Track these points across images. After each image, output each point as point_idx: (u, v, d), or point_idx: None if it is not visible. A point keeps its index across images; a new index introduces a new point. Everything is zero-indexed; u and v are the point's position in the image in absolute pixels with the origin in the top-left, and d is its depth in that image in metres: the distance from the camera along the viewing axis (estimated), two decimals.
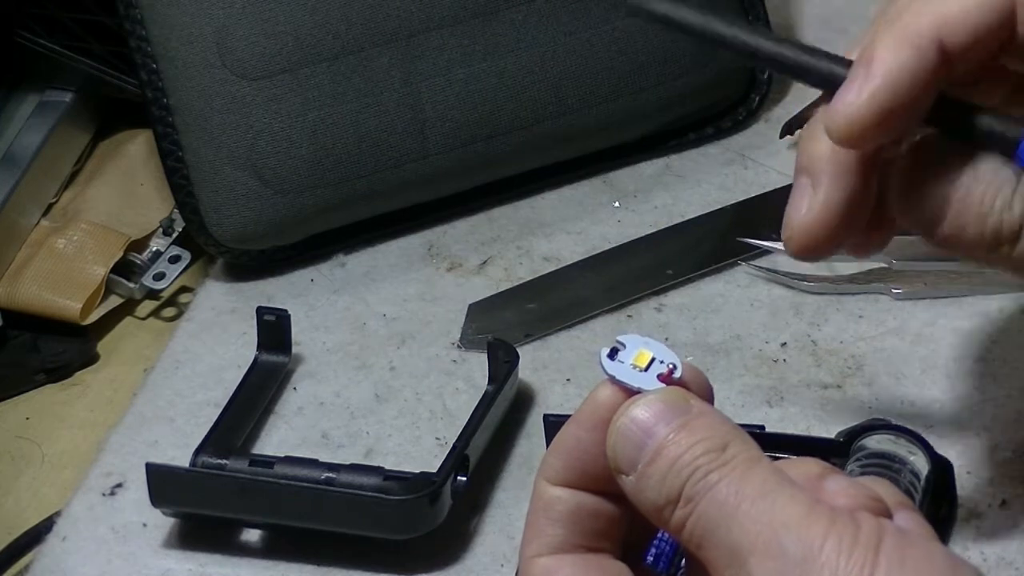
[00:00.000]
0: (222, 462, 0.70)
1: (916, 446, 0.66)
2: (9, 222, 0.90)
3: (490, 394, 0.72)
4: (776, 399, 0.74)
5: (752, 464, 0.47)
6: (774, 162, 0.87)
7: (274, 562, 0.69)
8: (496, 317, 0.80)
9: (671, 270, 0.81)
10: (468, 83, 0.83)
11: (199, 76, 0.81)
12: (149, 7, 0.82)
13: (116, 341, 0.88)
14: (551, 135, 0.85)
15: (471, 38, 0.83)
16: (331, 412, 0.76)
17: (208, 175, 0.82)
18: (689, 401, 0.49)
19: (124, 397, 0.81)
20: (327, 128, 0.82)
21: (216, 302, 0.83)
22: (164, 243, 0.90)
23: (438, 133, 0.83)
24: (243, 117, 0.81)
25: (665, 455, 0.47)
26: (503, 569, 0.68)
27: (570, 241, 0.84)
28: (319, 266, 0.85)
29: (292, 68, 0.81)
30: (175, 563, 0.70)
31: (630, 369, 0.50)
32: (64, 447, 0.82)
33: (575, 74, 0.85)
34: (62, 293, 0.86)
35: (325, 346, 0.80)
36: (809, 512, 0.46)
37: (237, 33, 0.81)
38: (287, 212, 0.83)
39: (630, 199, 0.87)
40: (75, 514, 0.72)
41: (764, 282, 0.80)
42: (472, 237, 0.86)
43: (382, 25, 0.82)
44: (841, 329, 0.77)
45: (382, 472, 0.68)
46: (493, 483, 0.72)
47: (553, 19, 0.84)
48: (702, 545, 0.47)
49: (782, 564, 0.45)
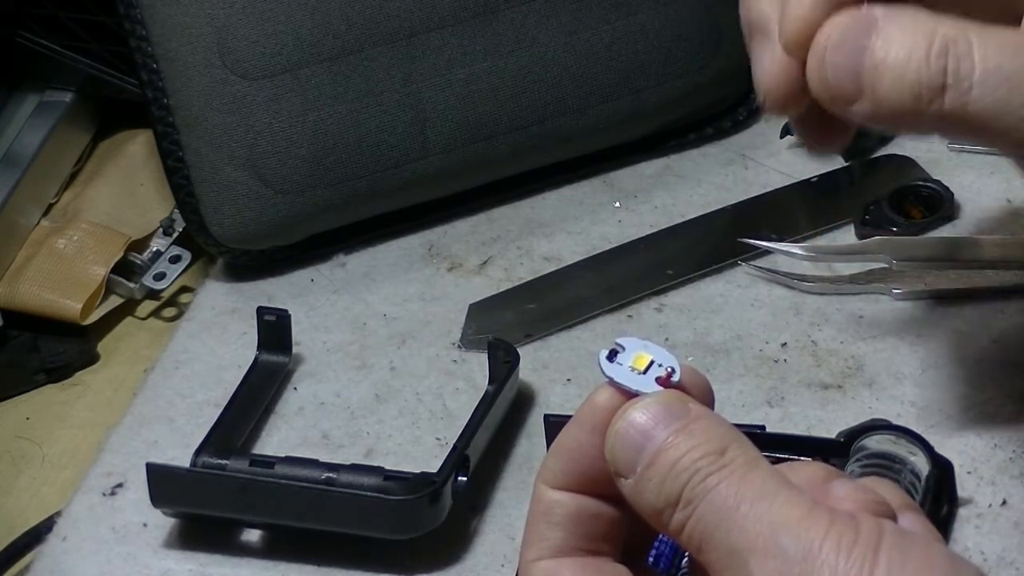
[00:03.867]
0: (222, 462, 0.70)
1: (916, 446, 0.66)
2: (9, 222, 0.90)
3: (490, 394, 0.72)
4: (776, 399, 0.74)
5: (751, 467, 0.47)
6: (774, 162, 0.87)
7: (274, 562, 0.69)
8: (496, 317, 0.80)
9: (671, 270, 0.81)
10: (468, 83, 0.83)
11: (199, 76, 0.81)
12: (149, 7, 0.82)
13: (116, 341, 0.88)
14: (551, 135, 0.85)
15: (471, 38, 0.83)
16: (331, 412, 0.76)
17: (208, 175, 0.82)
18: (688, 404, 0.49)
19: (124, 397, 0.81)
20: (327, 128, 0.82)
21: (216, 302, 0.84)
22: (164, 243, 0.90)
23: (438, 133, 0.83)
24: (243, 117, 0.81)
25: (664, 458, 0.47)
26: (503, 569, 0.68)
27: (570, 241, 0.84)
28: (319, 266, 0.85)
29: (292, 68, 0.81)
30: (175, 563, 0.70)
31: (629, 372, 0.49)
32: (64, 447, 0.82)
33: (575, 74, 0.85)
34: (62, 293, 0.86)
35: (325, 346, 0.80)
36: (808, 513, 0.46)
37: (237, 33, 0.81)
38: (287, 212, 0.83)
39: (630, 199, 0.87)
40: (75, 514, 0.72)
41: (764, 282, 0.80)
42: (472, 237, 0.86)
43: (382, 25, 0.82)
44: (841, 329, 0.77)
45: (382, 472, 0.68)
46: (493, 483, 0.72)
47: (553, 19, 0.84)
48: (702, 547, 0.47)
49: (782, 564, 0.45)
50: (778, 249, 0.80)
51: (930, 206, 0.82)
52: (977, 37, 0.53)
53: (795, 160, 0.87)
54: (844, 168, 0.87)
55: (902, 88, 0.53)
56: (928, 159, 0.86)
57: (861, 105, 0.54)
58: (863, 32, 0.54)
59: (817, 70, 0.55)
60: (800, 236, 0.82)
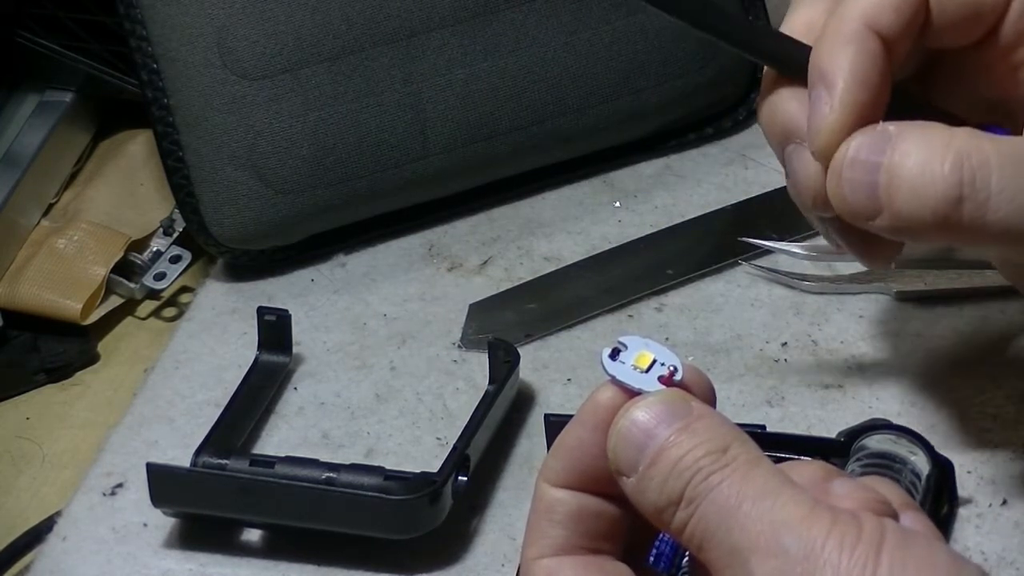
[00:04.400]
0: (222, 462, 0.70)
1: (917, 446, 0.66)
2: (9, 222, 0.90)
3: (490, 394, 0.72)
4: (777, 399, 0.74)
5: (753, 466, 0.47)
6: (774, 162, 0.86)
7: (274, 562, 0.69)
8: (496, 317, 0.80)
9: (671, 270, 0.81)
10: (468, 83, 0.83)
11: (199, 76, 0.81)
12: (149, 7, 0.82)
13: (116, 341, 0.88)
14: (551, 135, 0.85)
15: (471, 38, 0.83)
16: (331, 412, 0.76)
17: (208, 175, 0.82)
18: (690, 403, 0.49)
19: (124, 397, 0.81)
20: (327, 128, 0.82)
21: (216, 302, 0.83)
22: (164, 243, 0.90)
23: (438, 133, 0.83)
24: (243, 117, 0.81)
25: (666, 457, 0.47)
26: (503, 569, 0.68)
27: (570, 241, 0.84)
28: (319, 266, 0.85)
29: (292, 68, 0.81)
30: (175, 563, 0.70)
31: (631, 370, 0.50)
32: (64, 447, 0.82)
33: (575, 74, 0.85)
34: (62, 293, 0.86)
35: (325, 346, 0.80)
36: (810, 512, 0.46)
37: (237, 33, 0.81)
38: (287, 212, 0.83)
39: (630, 199, 0.87)
40: (75, 514, 0.72)
41: (764, 282, 0.80)
42: (472, 237, 0.86)
43: (382, 25, 0.82)
44: (842, 329, 0.77)
45: (383, 472, 0.68)
46: (493, 483, 0.72)
47: (553, 19, 0.84)
48: (703, 546, 0.47)
49: (783, 563, 0.45)
50: (778, 249, 0.80)
51: None
52: (992, 146, 0.53)
53: None
54: None
55: (919, 202, 0.54)
56: None
57: (882, 220, 0.55)
58: (878, 148, 0.54)
59: (835, 187, 0.56)
60: (800, 236, 0.82)
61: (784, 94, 0.59)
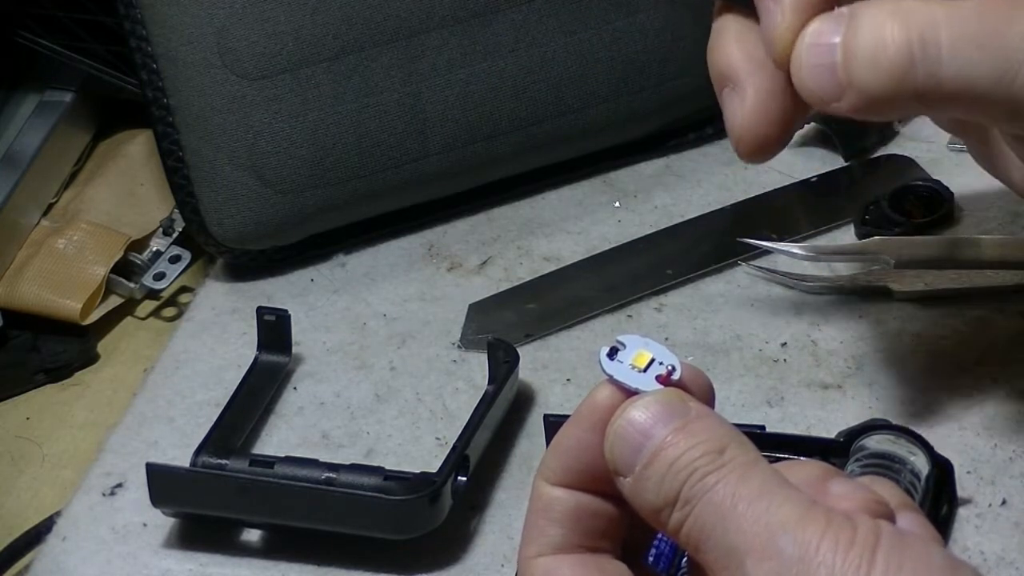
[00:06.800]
0: (222, 462, 0.70)
1: (916, 446, 0.66)
2: (9, 222, 0.90)
3: (490, 394, 0.72)
4: (776, 399, 0.74)
5: (750, 466, 0.47)
6: (774, 162, 0.86)
7: (274, 562, 0.69)
8: (496, 317, 0.80)
9: (671, 270, 0.81)
10: (468, 83, 0.83)
11: (199, 76, 0.81)
12: (149, 7, 0.82)
13: (116, 341, 0.88)
14: (551, 135, 0.85)
15: (471, 38, 0.83)
16: (331, 412, 0.76)
17: (208, 175, 0.82)
18: (688, 403, 0.49)
19: (124, 397, 0.81)
20: (327, 128, 0.82)
21: (216, 302, 0.84)
22: (164, 243, 0.90)
23: (438, 133, 0.83)
24: (243, 117, 0.81)
25: (663, 457, 0.47)
26: (503, 569, 0.68)
27: (570, 241, 0.84)
28: (319, 266, 0.85)
29: (292, 68, 0.81)
30: (175, 563, 0.70)
31: (629, 369, 0.49)
32: (64, 447, 0.82)
33: (575, 74, 0.85)
34: (62, 293, 0.86)
35: (325, 346, 0.80)
36: (806, 513, 0.46)
37: (237, 33, 0.81)
38: (287, 212, 0.83)
39: (630, 199, 0.87)
40: (75, 514, 0.72)
41: (764, 282, 0.80)
42: (472, 237, 0.86)
43: (382, 25, 0.82)
44: (841, 329, 0.77)
45: (382, 472, 0.68)
46: (493, 483, 0.72)
47: (553, 19, 0.84)
48: (699, 547, 0.47)
49: (778, 564, 0.45)
50: (778, 249, 0.79)
51: (930, 206, 0.82)
52: (940, 7, 0.54)
53: (795, 160, 0.87)
54: (844, 168, 0.87)
55: (876, 71, 0.55)
56: (928, 159, 0.86)
57: (848, 99, 0.56)
58: (833, 30, 0.56)
59: (799, 77, 0.57)
60: (800, 236, 0.82)
61: (726, 37, 0.61)
